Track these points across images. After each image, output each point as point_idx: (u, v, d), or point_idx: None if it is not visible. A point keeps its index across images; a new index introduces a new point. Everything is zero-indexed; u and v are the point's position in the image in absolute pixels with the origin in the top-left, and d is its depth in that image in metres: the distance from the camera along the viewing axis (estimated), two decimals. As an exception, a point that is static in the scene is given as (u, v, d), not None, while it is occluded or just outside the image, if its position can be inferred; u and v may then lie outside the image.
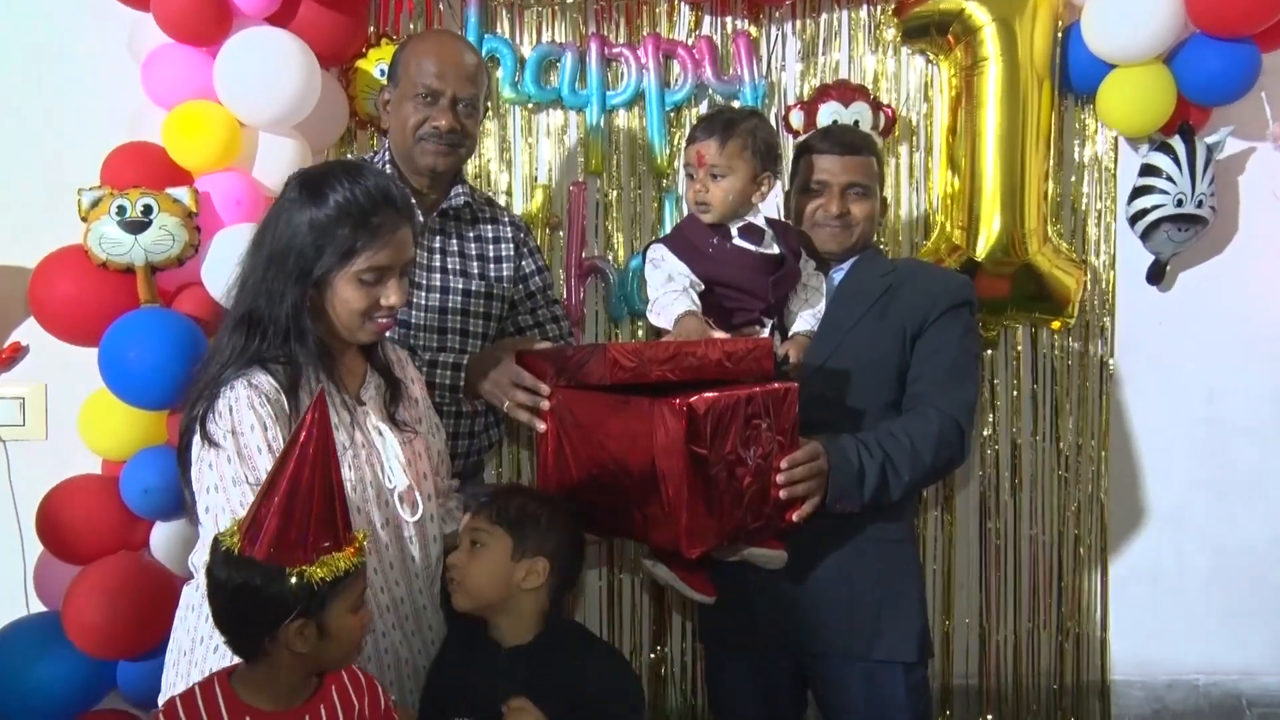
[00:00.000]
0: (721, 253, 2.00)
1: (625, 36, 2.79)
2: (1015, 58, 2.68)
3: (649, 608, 2.93)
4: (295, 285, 1.61)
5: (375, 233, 1.61)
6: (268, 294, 1.61)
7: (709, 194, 2.00)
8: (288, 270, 1.60)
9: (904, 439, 1.94)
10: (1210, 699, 3.02)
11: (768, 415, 1.77)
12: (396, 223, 1.64)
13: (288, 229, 1.61)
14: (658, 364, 1.71)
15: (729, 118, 2.04)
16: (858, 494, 1.89)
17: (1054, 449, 2.96)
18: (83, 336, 2.29)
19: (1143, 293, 2.93)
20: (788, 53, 2.85)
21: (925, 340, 2.05)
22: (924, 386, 2.02)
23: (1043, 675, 3.00)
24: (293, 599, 1.33)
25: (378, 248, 1.61)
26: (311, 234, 1.60)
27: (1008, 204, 2.72)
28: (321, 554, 1.33)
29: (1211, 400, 2.98)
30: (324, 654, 1.39)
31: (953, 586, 2.96)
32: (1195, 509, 2.99)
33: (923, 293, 2.08)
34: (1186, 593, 3.00)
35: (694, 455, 1.65)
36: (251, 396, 1.56)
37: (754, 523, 1.78)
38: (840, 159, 2.09)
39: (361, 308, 1.64)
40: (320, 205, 1.60)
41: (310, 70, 2.35)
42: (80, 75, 2.53)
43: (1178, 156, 2.71)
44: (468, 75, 2.11)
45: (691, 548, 1.70)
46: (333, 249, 1.60)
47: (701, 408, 1.66)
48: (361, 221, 1.60)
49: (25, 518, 2.40)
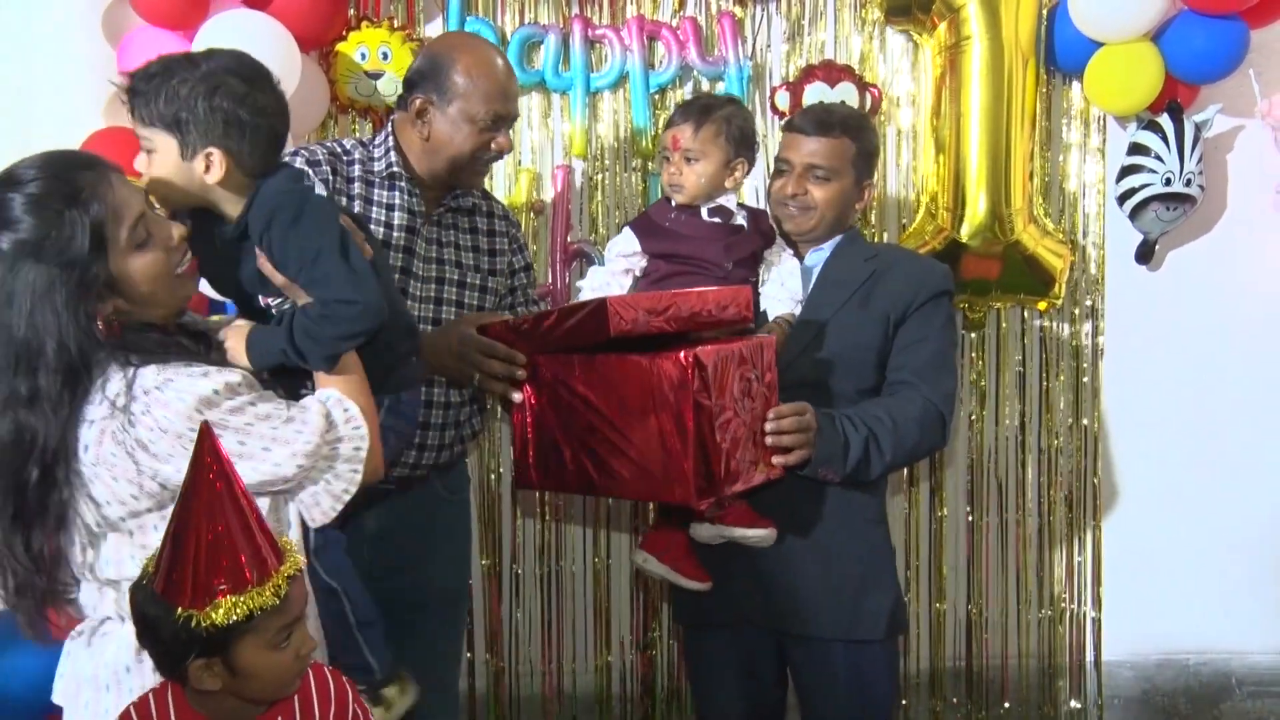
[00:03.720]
0: (678, 224, 2.07)
1: (609, 18, 2.77)
2: (999, 36, 2.66)
3: (638, 597, 2.92)
4: (68, 321, 1.35)
5: (99, 194, 1.37)
6: (24, 359, 1.35)
7: (682, 176, 2.06)
8: (43, 315, 1.34)
9: (888, 419, 1.97)
10: (1200, 678, 3.03)
11: (754, 366, 1.82)
12: (104, 173, 1.40)
13: (8, 282, 1.35)
14: (655, 315, 1.74)
15: (705, 104, 2.11)
16: (840, 463, 1.92)
17: (1044, 429, 2.95)
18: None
19: (1132, 272, 2.92)
20: (773, 33, 2.83)
21: (908, 328, 2.07)
22: (907, 374, 2.04)
23: (1032, 656, 3.00)
24: (187, 639, 1.25)
25: (114, 209, 1.38)
26: (42, 259, 1.34)
27: (992, 184, 2.70)
28: (215, 597, 1.24)
29: (1201, 379, 2.97)
30: (244, 690, 1.32)
31: (942, 568, 2.96)
32: (1185, 488, 2.99)
33: (906, 280, 2.09)
34: (1177, 572, 3.00)
35: (700, 406, 1.69)
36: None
37: (751, 472, 1.81)
38: (805, 139, 2.08)
39: (161, 268, 1.43)
40: (15, 228, 1.35)
41: (289, 54, 2.33)
42: (55, 59, 2.49)
43: (1166, 135, 2.69)
44: (518, 93, 2.15)
45: (701, 499, 1.72)
46: (79, 245, 1.35)
47: (708, 359, 1.70)
48: (75, 200, 1.35)
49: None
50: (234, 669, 1.29)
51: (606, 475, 1.78)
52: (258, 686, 1.33)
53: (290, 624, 1.32)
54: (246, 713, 1.37)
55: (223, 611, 1.24)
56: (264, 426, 1.44)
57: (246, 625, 1.26)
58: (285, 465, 1.46)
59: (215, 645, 1.27)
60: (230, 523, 1.26)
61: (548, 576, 2.89)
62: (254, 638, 1.28)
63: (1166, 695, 3.02)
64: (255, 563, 1.27)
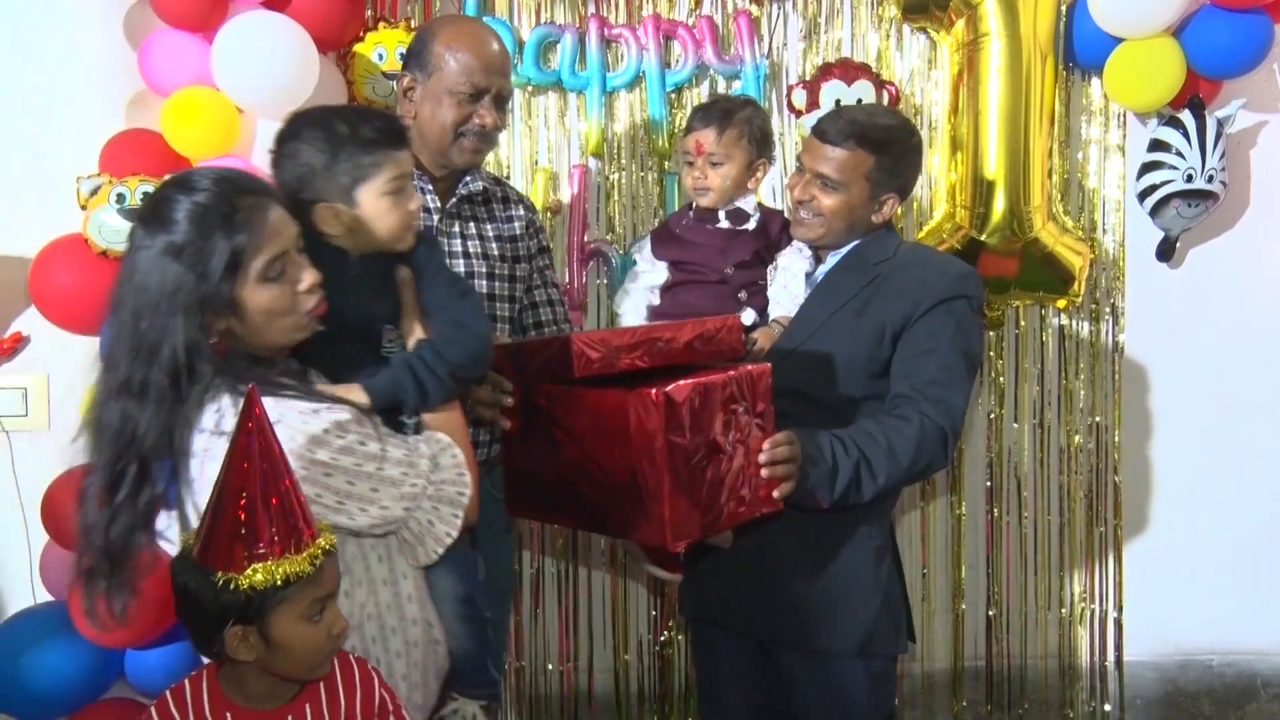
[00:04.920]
0: (686, 231, 2.08)
1: (625, 17, 2.77)
2: (1017, 32, 2.65)
3: (655, 597, 2.92)
4: (184, 325, 1.41)
5: (245, 227, 1.42)
6: (142, 356, 1.41)
7: (708, 180, 2.07)
8: (164, 318, 1.40)
9: (882, 439, 1.85)
10: (1224, 679, 3.00)
11: (743, 398, 1.72)
12: (263, 206, 1.46)
13: (147, 273, 1.41)
14: (626, 351, 1.66)
15: (726, 107, 2.11)
16: (828, 490, 1.81)
17: (1063, 427, 2.93)
18: (84, 326, 2.29)
19: (1152, 270, 2.89)
20: (790, 31, 2.82)
21: (912, 338, 1.93)
22: (907, 388, 1.91)
23: (1052, 657, 2.98)
24: (226, 604, 1.29)
25: (260, 239, 1.44)
26: (181, 262, 1.40)
27: (1011, 181, 2.68)
28: (254, 561, 1.28)
29: (1223, 378, 2.94)
30: (276, 663, 1.35)
31: (961, 568, 2.94)
32: (1207, 487, 2.96)
33: (908, 288, 1.96)
34: (1199, 572, 2.97)
35: (674, 446, 1.60)
36: None
37: (736, 508, 1.72)
38: (820, 145, 2.00)
39: (285, 305, 1.47)
40: (170, 229, 1.41)
41: (308, 55, 2.34)
42: (77, 61, 2.51)
43: (1187, 131, 2.67)
44: (506, 69, 2.10)
45: (676, 541, 1.64)
46: (216, 263, 1.41)
47: (679, 396, 1.61)
48: (228, 224, 1.42)
49: (30, 507, 2.39)
50: (269, 639, 1.33)
51: (587, 511, 1.73)
52: (291, 661, 1.36)
53: (324, 598, 1.36)
54: (277, 697, 1.40)
55: (260, 575, 1.28)
56: (372, 466, 1.47)
57: (283, 593, 1.30)
58: (393, 507, 1.50)
59: (252, 612, 1.31)
60: (271, 490, 1.30)
61: (565, 577, 2.89)
62: (289, 607, 1.32)
63: (1189, 697, 2.99)
64: (293, 531, 1.31)
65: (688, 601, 2.18)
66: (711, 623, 2.12)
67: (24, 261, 2.34)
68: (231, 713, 1.37)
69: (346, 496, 1.45)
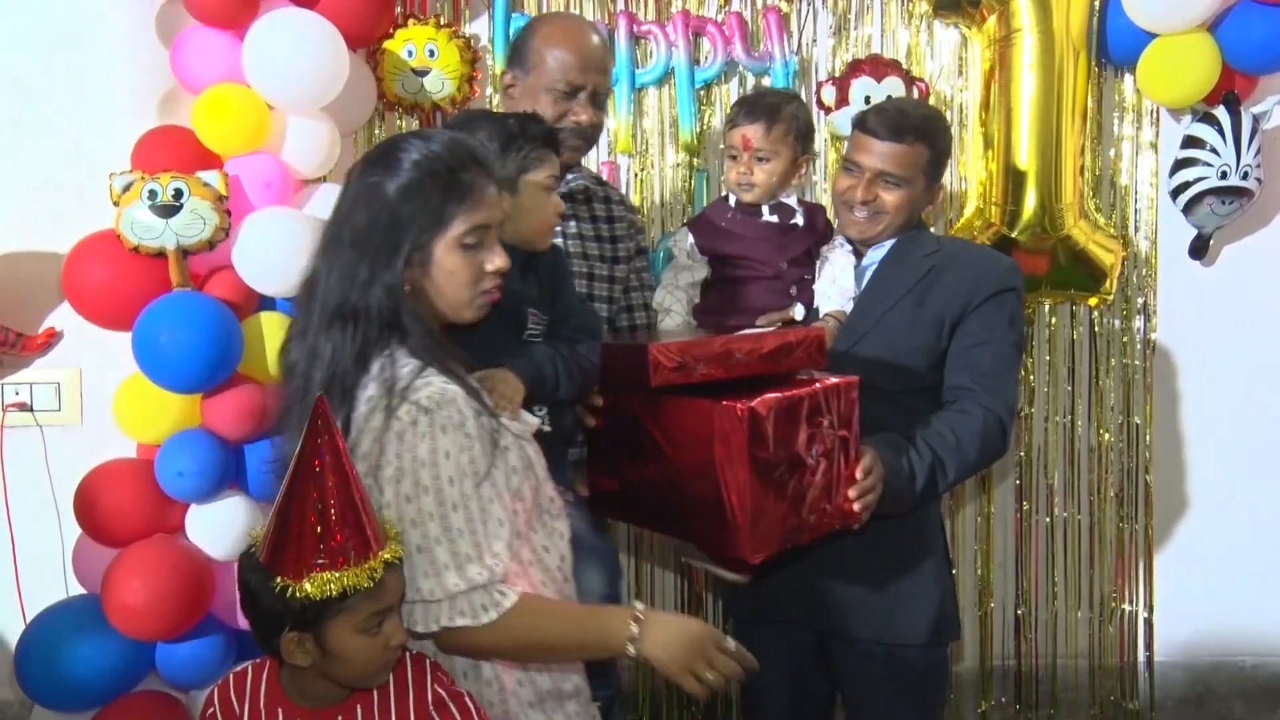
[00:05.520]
0: (733, 224, 2.07)
1: (654, 14, 2.76)
2: (1050, 28, 2.62)
3: (681, 591, 2.91)
4: (386, 268, 1.45)
5: (467, 191, 1.47)
6: (354, 283, 1.45)
7: (754, 176, 2.07)
8: (374, 252, 1.45)
9: (950, 437, 1.92)
10: (1257, 681, 2.97)
11: (829, 411, 1.71)
12: (485, 179, 1.50)
13: (366, 208, 1.46)
14: (704, 362, 1.66)
15: (773, 102, 2.09)
16: (909, 498, 1.88)
17: (1095, 426, 2.91)
18: (116, 321, 2.30)
19: (1185, 267, 2.86)
20: (819, 27, 2.81)
21: (967, 330, 2.00)
22: (966, 380, 1.98)
23: (1081, 656, 2.95)
24: (284, 610, 1.30)
25: (473, 206, 1.48)
26: (396, 204, 1.45)
27: (1043, 178, 2.66)
28: (312, 570, 1.28)
29: (1257, 376, 2.91)
30: (332, 671, 1.36)
31: (990, 567, 2.92)
32: (1239, 487, 2.94)
33: (964, 280, 2.02)
34: (1231, 572, 2.94)
35: (757, 460, 1.60)
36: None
37: (817, 521, 1.72)
38: (879, 143, 2.01)
39: (468, 277, 1.49)
40: (397, 172, 1.46)
41: (338, 52, 2.34)
42: (109, 59, 2.53)
43: (1222, 127, 2.63)
44: (605, 66, 2.10)
45: (755, 554, 1.64)
46: (425, 216, 1.45)
47: (764, 410, 1.60)
48: (451, 180, 1.46)
49: (63, 501, 2.41)
50: (325, 648, 1.32)
51: (667, 516, 1.73)
52: (346, 670, 1.35)
53: (383, 611, 1.34)
54: (330, 698, 1.40)
55: (317, 586, 1.28)
56: (437, 530, 1.41)
57: (340, 604, 1.29)
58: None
59: (309, 620, 1.30)
60: (335, 499, 1.29)
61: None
62: (346, 618, 1.31)
63: (1221, 699, 2.97)
64: (355, 543, 1.30)
65: (740, 600, 2.16)
66: (763, 618, 2.12)
67: (57, 257, 2.36)
68: (284, 708, 1.38)
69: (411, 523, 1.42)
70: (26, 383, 2.58)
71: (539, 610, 1.47)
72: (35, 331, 2.56)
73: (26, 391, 2.58)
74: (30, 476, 2.55)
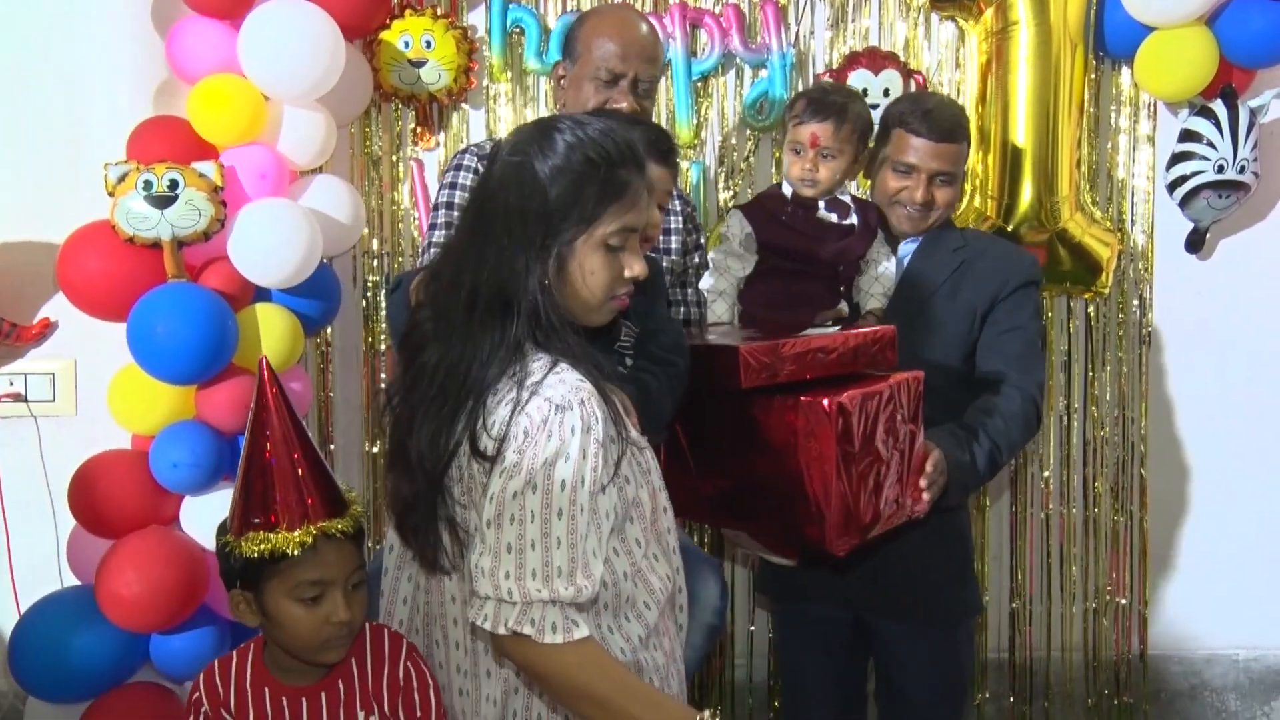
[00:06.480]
0: (794, 219, 2.08)
1: (651, 5, 2.75)
2: (1047, 21, 2.62)
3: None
4: (539, 258, 1.34)
5: (624, 188, 1.37)
6: (512, 272, 1.34)
7: (818, 173, 2.08)
8: (528, 241, 1.34)
9: (999, 421, 2.02)
10: (1251, 674, 2.98)
11: (901, 405, 1.78)
12: (640, 180, 1.40)
13: (518, 192, 1.34)
14: (789, 363, 1.70)
15: (841, 102, 2.11)
16: (974, 484, 2.02)
17: (1089, 420, 2.91)
18: (111, 312, 2.29)
19: (1182, 261, 2.86)
20: (817, 20, 2.80)
21: (996, 319, 2.12)
22: (1000, 365, 2.09)
23: (1076, 650, 2.96)
24: (229, 569, 1.35)
25: (626, 205, 1.37)
26: (553, 190, 1.34)
27: (1039, 172, 2.66)
28: (250, 530, 1.30)
29: (1253, 370, 2.91)
30: (276, 637, 1.38)
31: (985, 560, 2.92)
32: (1235, 481, 2.94)
33: (994, 271, 2.14)
34: (1225, 566, 2.95)
35: (844, 454, 1.65)
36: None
37: (892, 513, 1.79)
38: (934, 145, 2.11)
39: (607, 278, 1.39)
40: (551, 155, 1.35)
41: (334, 42, 2.34)
42: (105, 49, 2.52)
43: (1219, 121, 2.63)
44: (649, 55, 2.11)
45: (841, 546, 1.70)
46: (579, 208, 1.35)
47: (852, 406, 1.65)
48: (610, 175, 1.36)
49: (57, 492, 2.41)
50: (265, 610, 1.35)
51: (745, 510, 1.77)
52: (285, 637, 1.37)
53: (320, 582, 1.34)
54: (309, 674, 1.41)
55: (250, 544, 1.31)
56: (535, 532, 1.32)
57: (275, 567, 1.31)
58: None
59: (249, 579, 1.34)
60: (279, 462, 1.31)
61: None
62: (279, 583, 1.33)
63: (1215, 691, 2.97)
64: (293, 507, 1.31)
65: (778, 583, 2.24)
66: (803, 599, 2.20)
67: (52, 247, 2.35)
68: (270, 686, 1.40)
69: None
70: (21, 373, 2.58)
71: (602, 662, 1.34)
72: (30, 322, 2.55)
73: (21, 382, 2.58)
74: (25, 467, 2.54)
